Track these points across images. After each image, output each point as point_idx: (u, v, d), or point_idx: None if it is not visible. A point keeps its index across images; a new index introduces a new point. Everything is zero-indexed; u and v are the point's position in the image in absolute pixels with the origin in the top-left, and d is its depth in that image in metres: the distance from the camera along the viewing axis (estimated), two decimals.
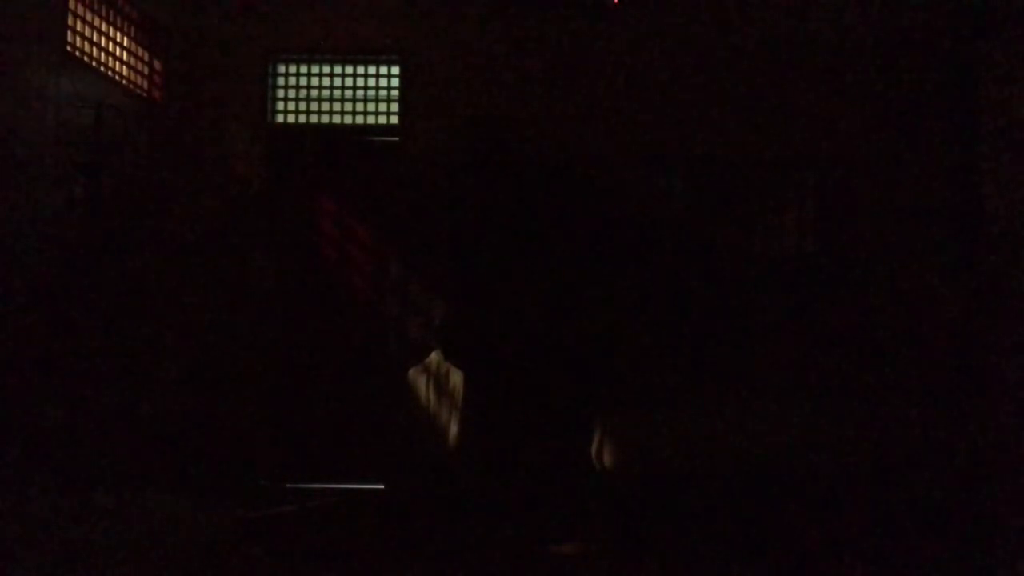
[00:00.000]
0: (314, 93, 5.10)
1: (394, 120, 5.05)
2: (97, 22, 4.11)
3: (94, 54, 4.07)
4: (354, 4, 5.01)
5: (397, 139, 5.01)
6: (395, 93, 5.07)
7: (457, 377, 4.29)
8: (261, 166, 4.97)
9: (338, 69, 5.10)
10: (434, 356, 4.44)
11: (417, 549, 3.88)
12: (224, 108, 4.97)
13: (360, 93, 5.10)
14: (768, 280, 4.88)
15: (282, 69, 5.10)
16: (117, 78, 4.30)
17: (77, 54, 3.92)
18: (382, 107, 5.08)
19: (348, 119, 5.08)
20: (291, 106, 5.09)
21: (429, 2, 5.00)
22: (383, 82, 5.10)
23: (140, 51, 4.56)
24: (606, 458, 3.97)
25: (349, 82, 5.10)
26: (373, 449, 4.88)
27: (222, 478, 4.62)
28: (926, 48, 4.90)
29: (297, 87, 5.09)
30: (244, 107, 4.97)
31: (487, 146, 4.91)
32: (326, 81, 5.10)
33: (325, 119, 5.08)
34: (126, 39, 4.41)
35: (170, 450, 4.56)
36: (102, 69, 4.15)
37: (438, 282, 4.89)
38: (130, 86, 4.44)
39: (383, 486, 4.83)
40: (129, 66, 4.44)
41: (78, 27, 3.92)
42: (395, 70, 5.08)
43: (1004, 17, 4.47)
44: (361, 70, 5.10)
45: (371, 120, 5.08)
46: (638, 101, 4.97)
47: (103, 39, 4.16)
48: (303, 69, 5.09)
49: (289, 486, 4.85)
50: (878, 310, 4.80)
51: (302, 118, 5.08)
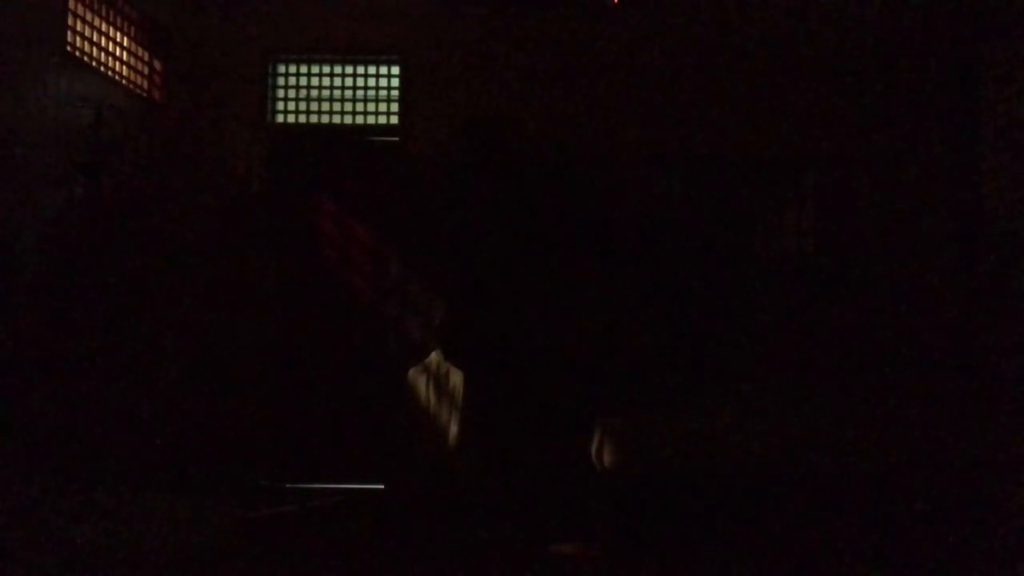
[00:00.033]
0: (314, 93, 5.10)
1: (394, 120, 5.05)
2: (97, 22, 4.11)
3: (94, 54, 4.07)
4: (354, 4, 5.01)
5: (397, 139, 5.01)
6: (395, 93, 5.07)
7: (457, 377, 4.29)
8: (261, 166, 4.96)
9: (338, 69, 5.10)
10: (434, 356, 4.44)
11: (417, 549, 3.88)
12: (224, 108, 4.97)
13: (360, 93, 5.10)
14: (768, 280, 4.88)
15: (282, 69, 5.10)
16: (117, 78, 4.30)
17: (77, 54, 3.92)
18: (382, 107, 5.08)
19: (348, 119, 5.08)
20: (291, 106, 5.09)
21: (429, 2, 5.00)
22: (383, 82, 5.10)
23: (140, 51, 4.56)
24: (606, 458, 3.97)
25: (349, 82, 5.10)
26: (373, 449, 4.88)
27: (222, 478, 4.62)
28: (926, 48, 4.90)
29: (297, 87, 5.09)
30: (244, 107, 4.97)
31: (487, 146, 4.91)
32: (326, 81, 5.10)
33: (325, 119, 5.08)
34: (126, 39, 4.41)
35: (170, 450, 4.56)
36: (102, 69, 4.15)
37: (438, 282, 4.89)
38: (130, 86, 4.44)
39: (383, 486, 4.83)
40: (129, 66, 4.44)
41: (78, 27, 3.92)
42: (395, 70, 5.08)
43: (1004, 17, 4.48)
44: (361, 70, 5.10)
45: (371, 120, 5.08)
46: (638, 101, 4.97)
47: (103, 39, 4.16)
48: (303, 69, 5.09)
49: (289, 486, 4.85)
50: (878, 310, 4.80)
51: (302, 118, 5.08)
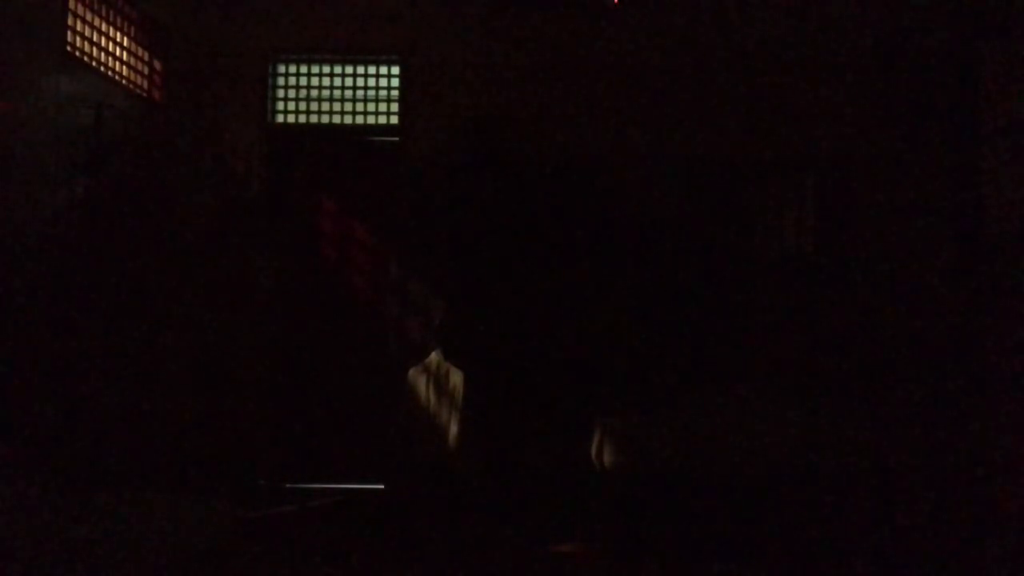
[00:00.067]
0: (314, 93, 5.10)
1: (394, 120, 5.05)
2: (97, 22, 4.10)
3: (94, 54, 4.07)
4: (354, 4, 5.01)
5: (397, 139, 5.01)
6: (395, 93, 5.07)
7: (457, 377, 4.29)
8: (261, 166, 4.97)
9: (338, 69, 5.10)
10: (434, 356, 4.45)
11: (417, 549, 3.88)
12: (224, 108, 4.97)
13: (360, 93, 5.10)
14: (768, 280, 4.88)
15: (282, 69, 5.10)
16: (117, 78, 4.30)
17: (77, 54, 3.91)
18: (382, 107, 5.08)
19: (348, 119, 5.08)
20: (291, 106, 5.09)
21: (429, 2, 5.00)
22: (383, 82, 5.10)
23: (140, 51, 4.56)
24: (606, 458, 3.97)
25: (349, 82, 5.10)
26: (373, 449, 4.88)
27: (222, 478, 4.62)
28: (926, 48, 4.90)
29: (297, 87, 5.09)
30: (244, 107, 4.97)
31: (487, 146, 4.91)
32: (326, 81, 5.10)
33: (325, 119, 5.08)
34: (126, 39, 4.40)
35: (170, 450, 4.55)
36: (102, 69, 4.15)
37: (438, 282, 4.89)
38: (130, 86, 4.43)
39: (383, 486, 4.83)
40: (129, 66, 4.44)
41: (78, 27, 3.92)
42: (395, 70, 5.08)
43: (1004, 17, 4.47)
44: (361, 70, 5.10)
45: (371, 120, 5.08)
46: (638, 101, 4.97)
47: (103, 39, 4.16)
48: (303, 69, 5.09)
49: (289, 486, 4.85)
50: (878, 310, 4.80)
51: (302, 118, 5.09)
